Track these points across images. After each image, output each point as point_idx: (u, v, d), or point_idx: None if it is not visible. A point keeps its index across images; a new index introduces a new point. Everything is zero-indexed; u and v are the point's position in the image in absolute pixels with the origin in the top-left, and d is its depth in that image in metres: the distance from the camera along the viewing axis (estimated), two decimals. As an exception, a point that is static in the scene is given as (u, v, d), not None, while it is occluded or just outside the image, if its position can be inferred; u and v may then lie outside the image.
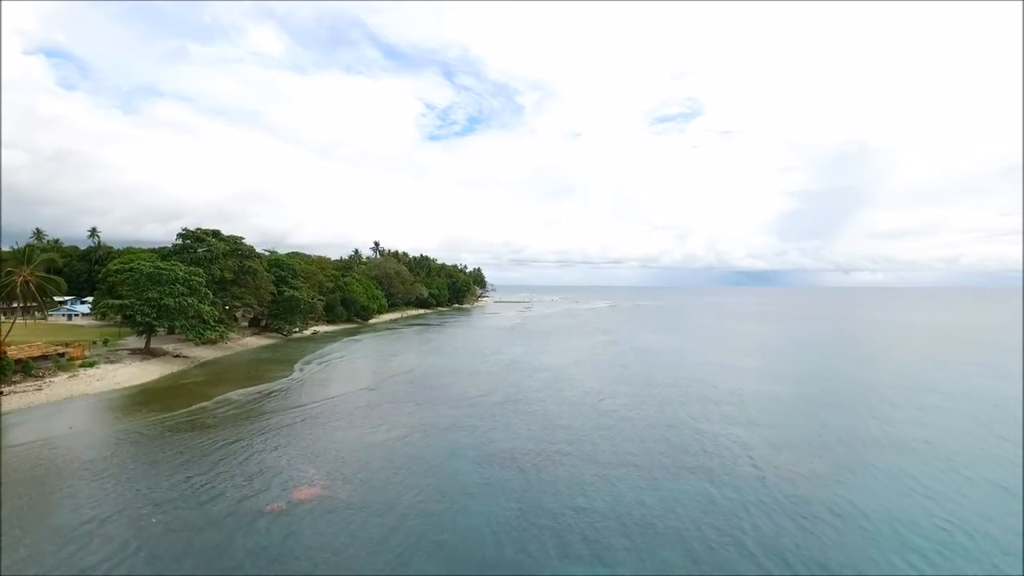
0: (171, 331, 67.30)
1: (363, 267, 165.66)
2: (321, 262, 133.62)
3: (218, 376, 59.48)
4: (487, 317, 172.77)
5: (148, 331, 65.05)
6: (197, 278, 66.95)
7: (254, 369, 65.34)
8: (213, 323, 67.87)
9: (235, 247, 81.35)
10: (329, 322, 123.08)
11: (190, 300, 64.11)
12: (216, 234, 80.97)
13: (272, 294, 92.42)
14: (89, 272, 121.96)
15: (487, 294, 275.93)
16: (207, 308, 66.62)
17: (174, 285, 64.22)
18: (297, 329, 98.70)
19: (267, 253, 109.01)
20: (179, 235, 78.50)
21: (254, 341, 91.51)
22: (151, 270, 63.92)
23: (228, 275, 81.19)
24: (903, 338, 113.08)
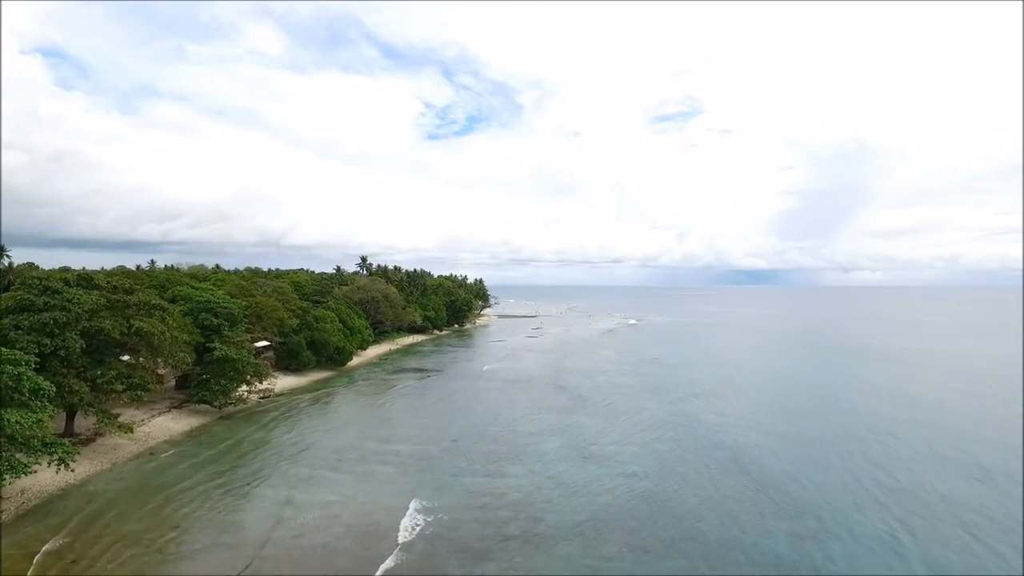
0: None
1: (345, 289, 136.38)
2: (284, 291, 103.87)
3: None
4: (490, 348, 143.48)
5: (-86, 469, 35.98)
6: (11, 367, 37.73)
7: (117, 524, 36.33)
8: (41, 443, 38.56)
9: (116, 300, 51.54)
10: (294, 371, 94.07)
11: (-14, 414, 34.97)
12: (85, 281, 50.95)
13: (192, 354, 63.39)
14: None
15: (489, 306, 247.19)
16: (32, 419, 37.50)
17: (-43, 387, 35.15)
18: (234, 400, 69.47)
19: (234, 273, 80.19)
20: (21, 283, 48.56)
21: (165, 426, 62.05)
22: (-93, 363, 34.74)
23: (115, 336, 52.07)
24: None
